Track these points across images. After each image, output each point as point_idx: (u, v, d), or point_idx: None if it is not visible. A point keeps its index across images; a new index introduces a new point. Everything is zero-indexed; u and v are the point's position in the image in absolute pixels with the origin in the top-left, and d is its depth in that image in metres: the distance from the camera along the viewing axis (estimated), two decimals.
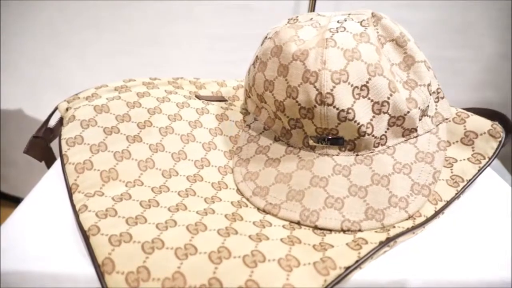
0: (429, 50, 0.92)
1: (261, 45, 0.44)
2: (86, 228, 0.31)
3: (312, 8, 0.81)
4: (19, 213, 0.34)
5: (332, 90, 0.36)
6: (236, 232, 0.32)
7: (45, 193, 0.37)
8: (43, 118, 1.13)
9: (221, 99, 0.54)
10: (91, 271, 0.29)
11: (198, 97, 0.52)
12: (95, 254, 0.29)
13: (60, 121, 0.47)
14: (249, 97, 0.47)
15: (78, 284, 0.29)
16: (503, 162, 0.86)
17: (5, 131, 1.12)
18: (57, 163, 0.42)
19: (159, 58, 0.97)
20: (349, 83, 0.36)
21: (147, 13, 0.91)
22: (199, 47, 0.95)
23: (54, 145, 0.47)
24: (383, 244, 0.31)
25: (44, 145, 0.47)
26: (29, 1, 0.91)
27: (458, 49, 0.93)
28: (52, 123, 0.48)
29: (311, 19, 0.44)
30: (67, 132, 0.41)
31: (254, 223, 0.35)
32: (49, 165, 0.48)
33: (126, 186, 0.37)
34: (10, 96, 1.06)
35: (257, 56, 0.44)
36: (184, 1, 0.89)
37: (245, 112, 0.51)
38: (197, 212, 0.35)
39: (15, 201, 1.22)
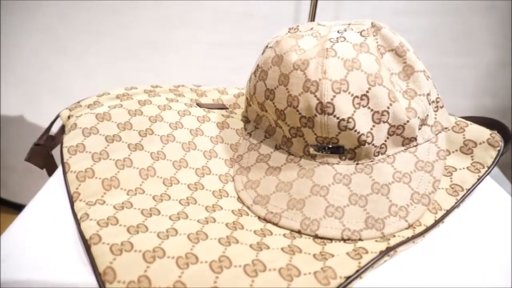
0: (428, 57, 0.93)
1: (262, 54, 0.45)
2: (87, 237, 0.31)
3: (312, 15, 0.82)
4: (20, 221, 0.35)
5: (332, 99, 0.36)
6: (237, 241, 0.32)
7: (47, 201, 0.37)
8: (43, 124, 1.13)
9: (222, 107, 0.54)
10: (92, 280, 0.29)
11: (199, 105, 0.53)
12: (96, 263, 0.29)
13: (62, 129, 0.47)
14: (250, 105, 0.48)
15: None
16: (503, 170, 0.86)
17: (4, 137, 1.12)
18: (59, 171, 0.42)
19: (158, 64, 0.98)
20: (349, 93, 0.37)
21: (146, 19, 0.92)
22: (198, 53, 0.96)
23: (55, 152, 0.47)
24: (384, 253, 0.31)
25: (45, 152, 0.47)
26: (28, 7, 0.92)
27: (457, 56, 0.93)
28: (54, 130, 0.48)
29: (312, 28, 0.44)
30: (68, 140, 0.41)
31: (255, 232, 0.35)
32: (50, 172, 0.48)
33: (127, 194, 0.37)
34: (9, 101, 1.07)
35: (258, 65, 0.44)
36: (183, 8, 0.90)
37: (245, 120, 0.51)
38: (198, 221, 0.35)
39: (14, 207, 1.22)
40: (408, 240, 0.33)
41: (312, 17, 0.82)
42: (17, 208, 1.22)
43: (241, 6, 0.89)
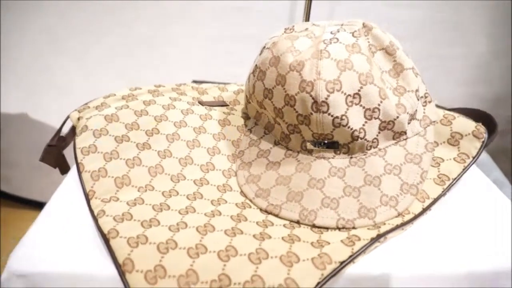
0: (423, 48, 0.95)
1: (260, 54, 0.47)
2: (105, 231, 0.34)
3: (307, 10, 0.84)
4: (42, 219, 0.38)
5: (326, 98, 0.39)
6: (242, 232, 0.36)
7: (65, 199, 0.41)
8: (44, 120, 1.15)
9: (223, 104, 0.57)
10: (112, 270, 0.32)
11: (201, 103, 0.55)
12: (115, 255, 0.32)
13: (72, 130, 0.50)
14: (250, 102, 0.50)
15: (102, 283, 0.32)
16: (497, 157, 0.89)
17: (6, 134, 1.15)
18: (73, 170, 0.45)
19: (158, 59, 1.00)
20: (342, 92, 0.39)
21: (145, 16, 0.94)
22: (197, 48, 0.98)
23: (66, 151, 0.50)
24: (374, 240, 0.34)
25: (57, 152, 0.49)
26: (28, 7, 0.94)
27: (450, 47, 0.96)
28: (64, 131, 0.51)
29: (306, 29, 0.47)
30: (81, 141, 0.44)
31: (257, 223, 0.38)
32: (62, 171, 0.51)
33: (138, 191, 0.40)
34: (10, 99, 1.09)
35: (256, 65, 0.47)
36: (181, 4, 0.92)
37: (245, 116, 0.54)
38: (205, 214, 0.38)
39: (18, 200, 1.25)
40: (397, 227, 0.36)
41: (307, 11, 0.83)
42: (21, 201, 1.25)
43: (239, 2, 0.91)
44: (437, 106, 0.56)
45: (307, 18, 0.84)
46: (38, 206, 1.25)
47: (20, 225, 1.18)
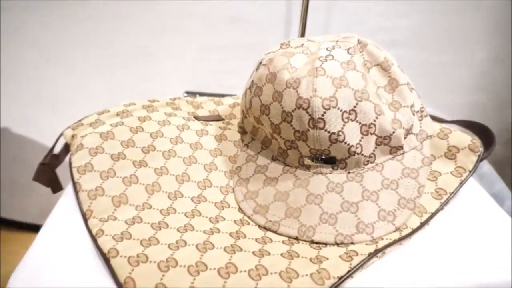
0: (423, 56, 0.96)
1: (256, 70, 0.47)
2: (105, 251, 0.34)
3: (303, 22, 0.85)
4: (41, 239, 0.37)
5: (323, 115, 0.39)
6: (241, 249, 0.35)
7: (62, 219, 0.40)
8: (34, 136, 1.13)
9: (219, 118, 0.57)
10: None
11: (197, 118, 0.55)
12: (117, 274, 0.32)
13: (66, 147, 0.50)
14: (246, 117, 0.51)
15: None
16: (501, 167, 0.88)
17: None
18: (68, 189, 0.44)
19: (151, 69, 1.00)
20: (338, 108, 0.40)
21: (139, 27, 0.94)
22: (190, 58, 0.98)
23: (59, 170, 0.50)
24: (372, 255, 0.34)
25: (50, 171, 0.49)
26: (22, 18, 0.94)
27: (451, 55, 0.96)
28: (57, 149, 0.50)
29: (302, 45, 0.47)
30: (77, 160, 0.44)
31: (256, 240, 0.38)
32: (54, 190, 0.50)
33: (136, 209, 0.40)
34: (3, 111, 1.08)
35: (252, 81, 0.47)
36: (175, 15, 0.92)
37: (242, 131, 0.54)
38: (204, 232, 0.38)
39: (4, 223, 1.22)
40: (395, 242, 0.36)
41: (303, 23, 0.84)
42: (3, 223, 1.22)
43: (233, 12, 0.91)
44: (436, 117, 0.57)
45: (303, 29, 0.85)
46: (19, 226, 1.20)
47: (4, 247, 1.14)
